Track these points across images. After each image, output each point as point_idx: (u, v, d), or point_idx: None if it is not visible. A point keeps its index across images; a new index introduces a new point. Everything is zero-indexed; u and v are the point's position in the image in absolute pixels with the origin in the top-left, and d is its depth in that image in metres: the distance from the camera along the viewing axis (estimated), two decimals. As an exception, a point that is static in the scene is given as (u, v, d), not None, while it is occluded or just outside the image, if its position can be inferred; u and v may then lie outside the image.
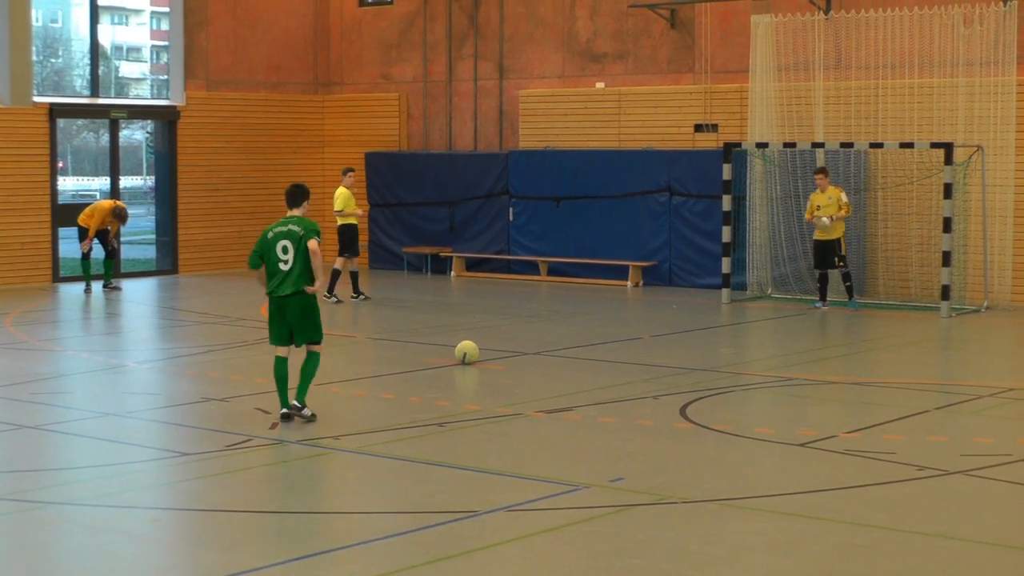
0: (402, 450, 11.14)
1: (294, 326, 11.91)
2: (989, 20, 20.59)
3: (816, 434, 11.68)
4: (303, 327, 11.92)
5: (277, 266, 11.80)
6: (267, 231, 11.93)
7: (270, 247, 11.82)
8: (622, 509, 9.40)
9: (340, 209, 21.11)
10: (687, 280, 23.30)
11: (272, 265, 11.82)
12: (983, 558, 8.41)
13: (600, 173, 24.08)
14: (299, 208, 12.04)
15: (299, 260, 11.77)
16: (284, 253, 11.77)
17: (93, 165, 38.02)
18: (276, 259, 11.79)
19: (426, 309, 20.88)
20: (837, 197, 20.22)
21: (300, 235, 11.77)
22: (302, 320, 11.88)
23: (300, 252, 11.76)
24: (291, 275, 11.77)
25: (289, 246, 11.76)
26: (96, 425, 12.27)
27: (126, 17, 51.05)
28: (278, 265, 11.79)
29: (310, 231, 11.82)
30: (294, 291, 11.79)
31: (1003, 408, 13.21)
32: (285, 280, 11.80)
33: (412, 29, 26.98)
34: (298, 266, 11.77)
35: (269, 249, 11.83)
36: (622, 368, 15.29)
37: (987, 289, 20.56)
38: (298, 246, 11.76)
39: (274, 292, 11.86)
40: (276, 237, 11.82)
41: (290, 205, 12.06)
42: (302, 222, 11.90)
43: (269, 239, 11.84)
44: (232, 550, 8.52)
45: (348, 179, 21.29)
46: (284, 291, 11.80)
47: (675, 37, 24.08)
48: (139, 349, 17.45)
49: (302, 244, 11.76)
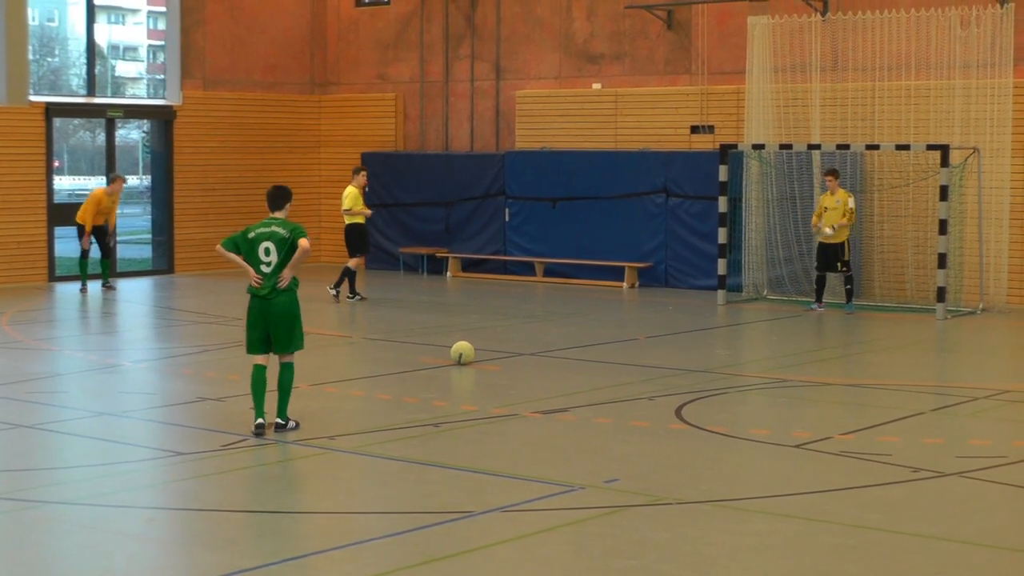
0: (398, 450, 11.14)
1: (273, 331, 11.54)
2: (986, 22, 20.61)
3: (811, 435, 11.69)
4: (282, 334, 11.56)
5: (259, 268, 11.53)
6: (248, 230, 11.66)
7: (251, 247, 11.56)
8: (617, 510, 9.40)
9: (348, 208, 21.09)
10: (683, 281, 23.31)
11: (254, 266, 11.56)
12: (978, 560, 8.42)
13: (596, 174, 24.08)
14: (281, 211, 11.75)
15: (282, 262, 11.52)
16: (266, 255, 11.52)
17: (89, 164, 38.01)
18: (258, 260, 11.54)
19: (422, 309, 20.88)
20: (844, 201, 20.21)
21: (284, 237, 11.51)
22: (283, 324, 11.54)
23: (283, 254, 11.51)
24: (272, 276, 11.52)
25: (272, 248, 11.51)
26: (91, 424, 12.26)
27: (123, 16, 51.04)
28: (259, 267, 11.53)
29: (298, 233, 11.56)
30: (275, 291, 11.52)
31: (999, 410, 13.22)
32: (267, 280, 11.51)
33: (409, 29, 26.98)
34: (279, 268, 11.51)
35: (251, 249, 11.57)
36: (618, 369, 15.30)
37: (983, 291, 20.57)
38: (281, 248, 11.51)
39: (256, 292, 11.58)
40: (258, 238, 11.56)
41: (272, 207, 11.76)
42: (286, 224, 11.62)
43: (251, 239, 11.58)
44: (227, 550, 8.51)
45: (358, 178, 21.30)
46: (264, 291, 11.52)
47: (672, 38, 24.09)
48: (135, 349, 17.44)
49: (286, 246, 11.50)
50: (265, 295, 11.55)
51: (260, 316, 11.60)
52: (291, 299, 11.64)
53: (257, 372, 11.60)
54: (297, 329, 11.68)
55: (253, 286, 11.61)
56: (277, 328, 11.57)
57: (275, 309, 11.55)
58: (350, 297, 21.22)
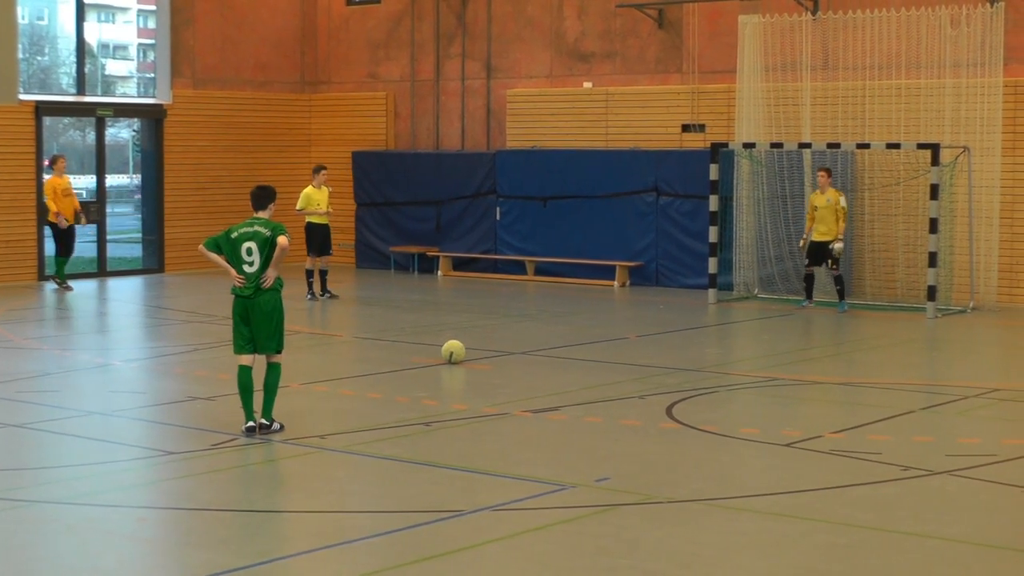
0: (388, 449, 11.13)
1: (256, 330, 11.52)
2: (976, 21, 20.63)
3: (802, 434, 11.70)
4: (265, 333, 11.52)
5: (241, 268, 11.50)
6: (231, 230, 11.63)
7: (234, 247, 11.54)
8: (608, 509, 9.40)
9: (300, 208, 21.04)
10: (674, 280, 23.31)
11: (237, 267, 11.53)
12: (968, 558, 8.43)
13: (587, 173, 24.08)
14: (265, 211, 11.71)
15: (264, 262, 11.48)
16: (249, 255, 11.49)
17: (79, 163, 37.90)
18: (240, 261, 11.51)
19: (413, 308, 20.87)
20: (836, 200, 20.23)
21: (267, 237, 11.47)
22: (265, 324, 11.50)
23: (265, 254, 11.47)
24: (256, 275, 11.48)
25: (254, 248, 11.47)
26: (81, 424, 12.24)
27: (113, 15, 50.94)
28: (242, 267, 11.50)
29: (278, 231, 11.49)
30: (258, 291, 11.49)
31: (988, 408, 13.24)
32: (250, 280, 11.48)
33: (400, 28, 26.96)
34: (263, 268, 11.48)
35: (233, 250, 11.54)
36: (608, 368, 15.30)
37: (973, 290, 20.60)
38: (263, 248, 11.47)
39: (240, 292, 11.55)
40: (241, 238, 11.53)
41: (255, 207, 11.72)
42: (268, 224, 11.57)
43: (233, 238, 11.55)
44: (217, 549, 8.50)
45: (317, 178, 21.11)
46: (247, 291, 11.50)
47: (663, 37, 24.10)
48: (125, 348, 17.41)
49: (268, 246, 11.46)
50: (249, 295, 11.52)
51: (244, 316, 11.57)
52: (275, 299, 11.58)
53: (242, 373, 11.55)
54: (280, 328, 11.62)
55: (236, 286, 11.58)
56: (259, 327, 11.52)
57: (258, 308, 11.51)
58: (322, 295, 21.07)
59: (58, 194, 22.48)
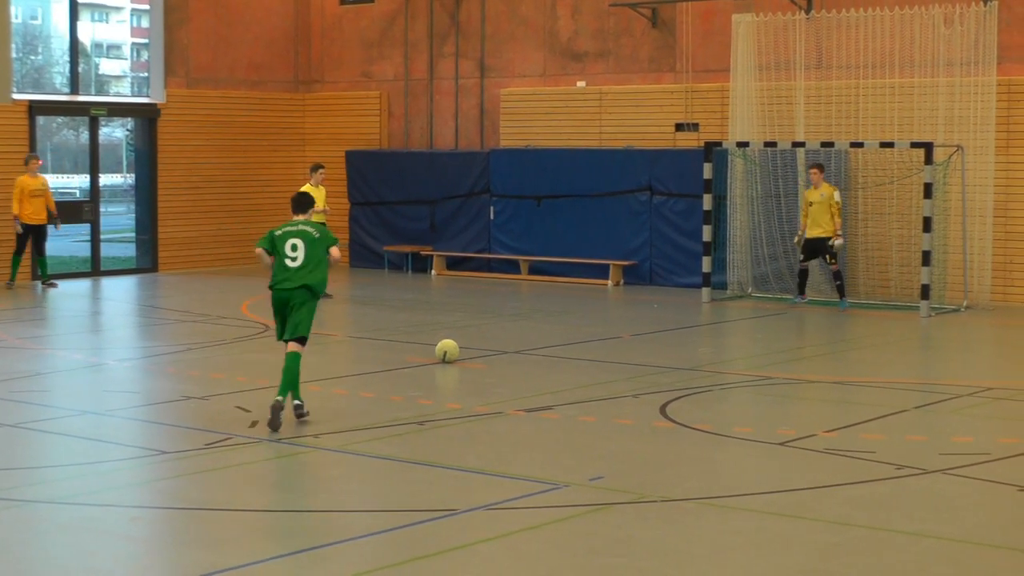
0: (382, 448, 11.13)
1: (288, 317, 11.95)
2: (969, 20, 20.65)
3: (795, 433, 11.70)
4: (296, 319, 11.91)
5: (284, 262, 11.96)
6: (273, 231, 12.16)
7: (279, 244, 12.03)
8: (602, 508, 9.40)
9: None
10: (668, 279, 23.32)
11: (279, 260, 11.99)
12: (962, 556, 8.43)
13: (581, 172, 24.08)
14: (305, 214, 12.34)
15: (309, 258, 11.93)
16: (293, 251, 11.97)
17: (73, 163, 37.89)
18: (284, 255, 11.97)
19: (407, 308, 20.86)
20: (830, 195, 20.26)
21: (315, 237, 12.01)
22: (298, 312, 11.91)
23: (310, 250, 11.94)
24: (299, 272, 11.92)
25: (299, 244, 11.97)
26: (75, 423, 12.23)
27: (106, 14, 50.92)
28: (285, 261, 11.96)
29: (327, 236, 12.11)
30: (299, 285, 11.88)
31: (982, 407, 13.25)
32: (292, 276, 11.92)
33: (393, 27, 26.95)
34: (307, 264, 11.93)
35: (277, 246, 12.04)
36: (602, 367, 15.30)
37: (966, 289, 20.62)
38: (308, 244, 11.95)
39: (277, 285, 11.97)
40: (285, 235, 12.04)
41: (296, 211, 12.35)
42: (312, 224, 12.19)
43: (277, 236, 12.07)
44: (211, 548, 8.49)
45: (315, 176, 21.03)
46: (288, 285, 11.91)
47: (656, 36, 24.10)
48: (119, 347, 17.39)
49: (315, 245, 11.95)
50: (290, 288, 11.92)
51: (280, 307, 12.01)
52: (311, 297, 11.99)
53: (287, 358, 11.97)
54: (310, 318, 12.02)
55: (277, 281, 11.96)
56: (293, 314, 11.93)
57: (296, 299, 11.94)
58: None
59: (25, 195, 22.42)
